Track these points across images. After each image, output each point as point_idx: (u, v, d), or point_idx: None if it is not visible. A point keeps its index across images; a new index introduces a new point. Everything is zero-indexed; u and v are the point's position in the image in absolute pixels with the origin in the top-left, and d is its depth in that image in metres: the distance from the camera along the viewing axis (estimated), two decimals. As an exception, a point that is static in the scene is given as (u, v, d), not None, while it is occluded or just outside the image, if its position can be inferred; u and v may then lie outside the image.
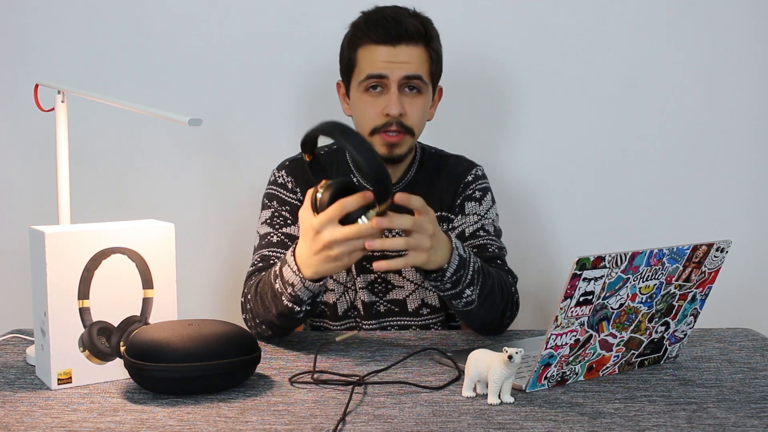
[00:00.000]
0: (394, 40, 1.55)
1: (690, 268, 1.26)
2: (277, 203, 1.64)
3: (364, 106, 1.59)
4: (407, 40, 1.55)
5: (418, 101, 1.58)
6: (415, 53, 1.56)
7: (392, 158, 1.60)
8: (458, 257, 1.37)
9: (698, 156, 2.06)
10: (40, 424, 1.08)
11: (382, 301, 1.66)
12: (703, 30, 2.02)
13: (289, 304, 1.38)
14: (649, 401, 1.17)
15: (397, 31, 1.55)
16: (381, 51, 1.55)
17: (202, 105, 2.02)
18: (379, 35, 1.55)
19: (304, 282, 1.34)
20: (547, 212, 2.08)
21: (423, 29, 1.57)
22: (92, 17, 2.00)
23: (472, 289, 1.41)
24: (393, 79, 1.55)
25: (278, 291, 1.38)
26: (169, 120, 1.33)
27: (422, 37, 1.57)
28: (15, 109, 2.02)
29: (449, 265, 1.36)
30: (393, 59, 1.55)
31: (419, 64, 1.57)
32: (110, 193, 2.04)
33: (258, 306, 1.45)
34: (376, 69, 1.55)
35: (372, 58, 1.56)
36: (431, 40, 1.59)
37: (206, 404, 1.16)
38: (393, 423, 1.08)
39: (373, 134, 1.58)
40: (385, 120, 1.56)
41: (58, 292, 1.22)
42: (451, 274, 1.37)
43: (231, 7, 2.00)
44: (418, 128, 1.60)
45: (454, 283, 1.38)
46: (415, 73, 1.56)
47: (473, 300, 1.42)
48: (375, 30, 1.56)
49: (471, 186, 1.68)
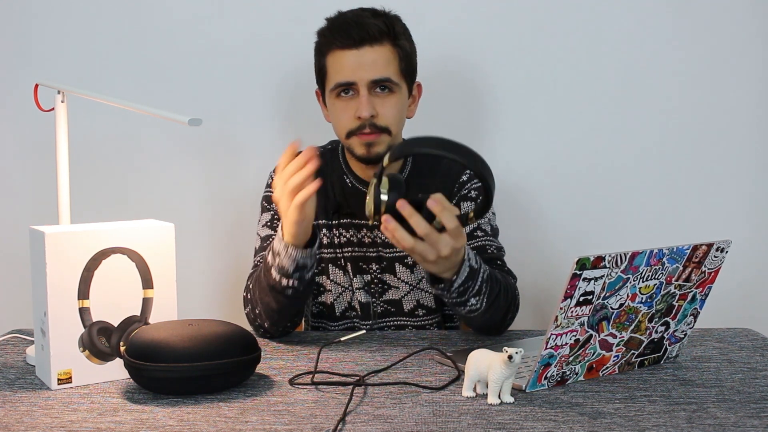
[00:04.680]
0: (357, 43, 1.54)
1: (690, 268, 1.26)
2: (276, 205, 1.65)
3: (337, 112, 1.60)
4: (371, 41, 1.55)
5: (390, 101, 1.58)
6: (380, 53, 1.56)
7: (371, 158, 1.60)
8: (468, 268, 1.36)
9: (698, 156, 2.06)
10: (40, 424, 1.08)
11: (378, 301, 1.66)
12: (703, 30, 2.02)
13: (277, 277, 1.42)
14: (649, 401, 1.17)
15: (360, 34, 1.54)
16: (346, 56, 1.55)
17: (202, 105, 2.02)
18: (342, 40, 1.55)
19: (288, 248, 1.39)
20: (546, 212, 2.08)
21: (386, 28, 1.56)
22: (92, 17, 2.00)
23: (478, 299, 1.41)
24: (361, 84, 1.55)
25: (269, 264, 1.43)
26: (169, 120, 1.33)
27: (386, 36, 1.56)
28: (15, 109, 2.02)
29: (457, 276, 1.35)
30: (358, 62, 1.55)
31: (386, 65, 1.56)
32: (110, 193, 2.04)
33: (256, 290, 1.48)
34: (344, 77, 1.56)
35: (339, 65, 1.56)
36: (397, 38, 1.58)
37: (206, 404, 1.16)
38: (393, 423, 1.08)
39: (349, 137, 1.59)
40: (358, 123, 1.56)
41: (58, 292, 1.22)
42: (459, 285, 1.37)
43: (231, 8, 2.00)
44: (394, 127, 1.59)
45: (460, 293, 1.38)
46: (382, 76, 1.56)
47: (478, 308, 1.43)
48: (338, 35, 1.56)
49: (466, 185, 1.68)
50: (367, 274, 1.65)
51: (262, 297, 1.47)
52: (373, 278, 1.65)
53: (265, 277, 1.45)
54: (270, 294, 1.45)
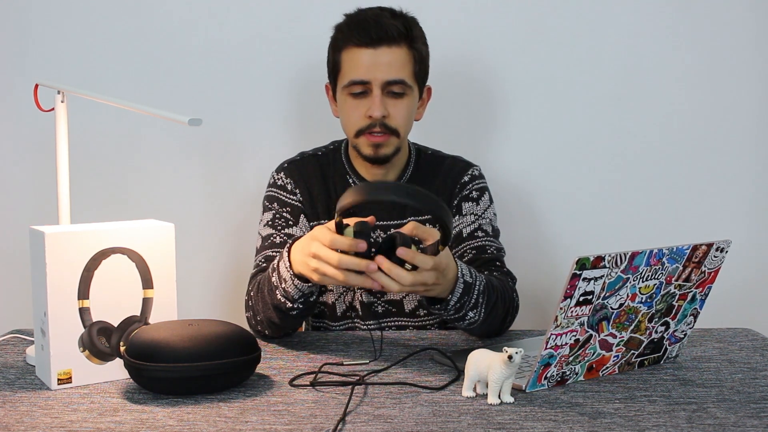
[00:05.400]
0: (375, 42, 1.54)
1: (690, 268, 1.26)
2: (277, 205, 1.65)
3: (348, 110, 1.59)
4: (388, 42, 1.55)
5: (402, 103, 1.58)
6: (397, 55, 1.56)
7: (378, 158, 1.60)
8: (463, 284, 1.36)
9: (698, 156, 2.06)
10: (40, 424, 1.08)
11: (380, 301, 1.66)
12: (703, 30, 2.02)
13: (282, 299, 1.40)
14: (649, 401, 1.17)
15: (378, 34, 1.54)
16: (363, 54, 1.55)
17: (202, 105, 2.02)
18: (360, 38, 1.55)
19: (294, 280, 1.36)
20: (546, 212, 2.08)
21: (405, 30, 1.56)
22: (92, 17, 2.00)
23: (476, 312, 1.41)
24: (375, 83, 1.55)
25: (274, 284, 1.41)
26: (169, 120, 1.33)
27: (404, 38, 1.56)
28: (15, 109, 2.01)
29: (452, 294, 1.36)
30: (374, 62, 1.55)
31: (401, 67, 1.56)
32: (110, 193, 2.04)
33: (258, 302, 1.47)
34: (359, 75, 1.55)
35: (354, 62, 1.56)
36: (414, 41, 1.58)
37: (206, 404, 1.16)
38: (393, 423, 1.08)
39: (358, 136, 1.59)
40: (369, 122, 1.56)
41: (58, 292, 1.22)
42: (455, 302, 1.37)
43: (231, 7, 2.00)
44: (403, 129, 1.60)
45: (457, 310, 1.39)
46: (397, 77, 1.56)
47: (476, 320, 1.43)
48: (356, 32, 1.55)
49: (468, 186, 1.68)
50: None
51: (265, 311, 1.45)
52: None
53: (269, 294, 1.42)
54: (273, 311, 1.43)
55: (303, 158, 1.71)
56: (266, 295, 1.43)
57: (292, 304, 1.40)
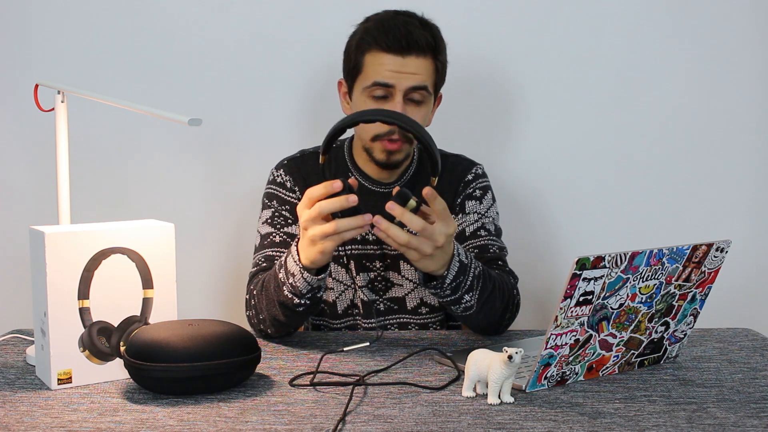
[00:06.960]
0: (404, 50, 1.54)
1: (690, 268, 1.26)
2: (277, 203, 1.65)
3: None
4: (417, 52, 1.55)
5: (420, 111, 1.59)
6: (423, 65, 1.56)
7: (389, 164, 1.61)
8: (458, 263, 1.37)
9: (698, 156, 2.06)
10: (40, 424, 1.08)
11: (382, 299, 1.66)
12: (703, 30, 2.02)
13: (290, 295, 1.40)
14: (649, 401, 1.17)
15: (408, 42, 1.54)
16: (389, 59, 1.55)
17: (202, 105, 2.02)
18: (389, 43, 1.54)
19: (303, 273, 1.36)
20: (547, 212, 2.08)
21: (433, 41, 1.57)
22: (92, 17, 2.00)
23: (471, 295, 1.42)
24: (399, 88, 1.55)
25: (281, 280, 1.41)
26: (169, 120, 1.33)
27: (431, 50, 1.57)
28: (15, 109, 2.01)
29: (448, 271, 1.36)
30: (401, 69, 1.54)
31: (426, 76, 1.57)
32: (110, 193, 2.04)
33: (262, 300, 1.47)
34: (384, 77, 1.55)
35: (380, 65, 1.55)
36: (439, 53, 1.59)
37: (206, 404, 1.16)
38: (393, 423, 1.08)
39: (375, 140, 1.58)
40: (389, 128, 1.56)
41: (58, 292, 1.22)
42: (451, 281, 1.38)
43: (231, 7, 2.00)
44: None
45: (453, 290, 1.39)
46: (422, 83, 1.56)
47: (472, 305, 1.43)
48: (386, 38, 1.54)
49: (471, 185, 1.68)
50: (371, 271, 1.65)
51: (270, 308, 1.45)
52: (377, 275, 1.65)
53: (276, 291, 1.43)
54: (279, 308, 1.44)
55: (303, 155, 1.70)
56: (272, 292, 1.43)
57: (300, 300, 1.40)
